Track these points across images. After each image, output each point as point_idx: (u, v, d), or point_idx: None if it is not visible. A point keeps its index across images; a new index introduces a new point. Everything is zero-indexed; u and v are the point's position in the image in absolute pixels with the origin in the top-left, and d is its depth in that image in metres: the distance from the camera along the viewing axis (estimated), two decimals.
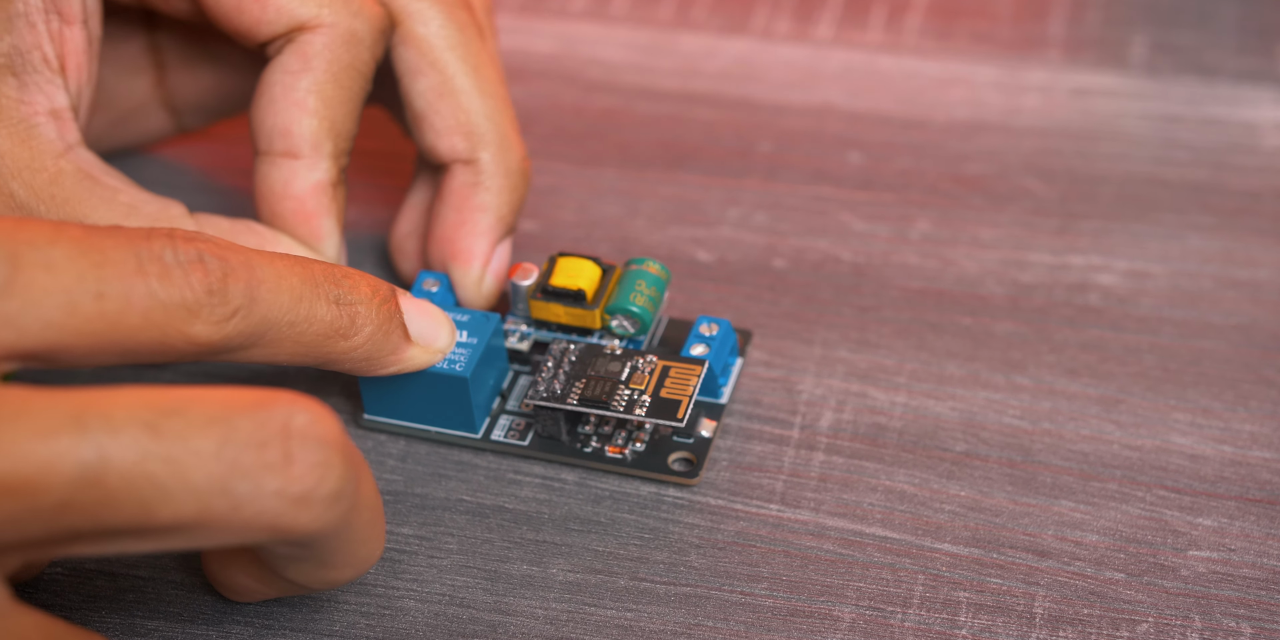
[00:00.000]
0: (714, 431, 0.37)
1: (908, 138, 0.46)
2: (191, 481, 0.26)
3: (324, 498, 0.27)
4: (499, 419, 0.37)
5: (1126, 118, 0.47)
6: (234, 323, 0.29)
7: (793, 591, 0.35)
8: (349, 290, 0.32)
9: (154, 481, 0.25)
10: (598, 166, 0.45)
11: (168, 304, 0.28)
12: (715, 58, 0.49)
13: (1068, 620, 0.34)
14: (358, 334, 0.32)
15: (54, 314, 0.27)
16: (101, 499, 0.25)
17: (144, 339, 0.28)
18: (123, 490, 0.25)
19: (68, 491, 0.25)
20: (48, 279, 0.27)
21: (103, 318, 0.27)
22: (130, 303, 0.27)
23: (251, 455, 0.26)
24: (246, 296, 0.29)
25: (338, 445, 0.27)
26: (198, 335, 0.28)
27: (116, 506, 0.25)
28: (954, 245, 0.43)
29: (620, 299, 0.37)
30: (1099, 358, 0.40)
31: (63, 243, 0.27)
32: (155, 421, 0.26)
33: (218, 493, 0.26)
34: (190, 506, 0.26)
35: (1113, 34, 0.50)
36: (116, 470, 0.25)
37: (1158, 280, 0.42)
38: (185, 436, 0.26)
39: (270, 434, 0.26)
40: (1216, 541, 0.35)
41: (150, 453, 0.25)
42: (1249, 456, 0.37)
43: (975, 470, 0.37)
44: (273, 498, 0.26)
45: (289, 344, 0.31)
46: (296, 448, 0.27)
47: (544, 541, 0.36)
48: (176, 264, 0.28)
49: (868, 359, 0.40)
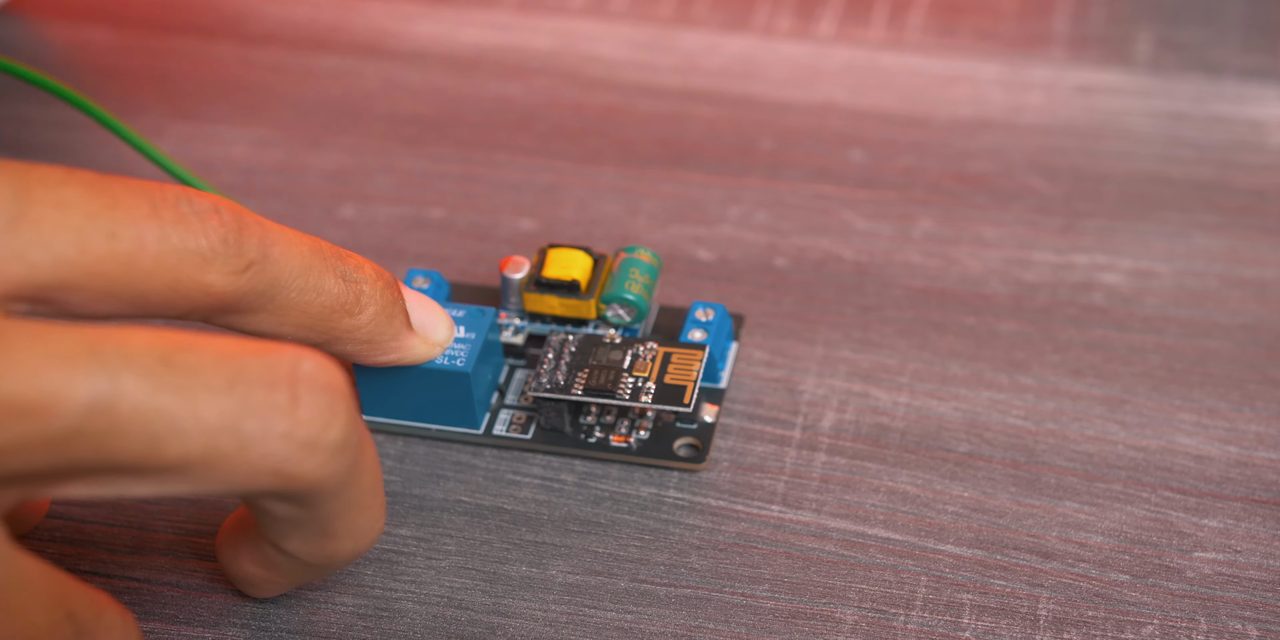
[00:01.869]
0: (716, 416, 0.37)
1: (910, 135, 0.46)
2: (201, 417, 0.26)
3: (329, 444, 0.27)
4: (499, 414, 0.37)
5: (1131, 115, 0.47)
6: (248, 276, 0.29)
7: (794, 593, 0.34)
8: (354, 269, 0.32)
9: (165, 414, 0.25)
10: (597, 164, 0.45)
11: (182, 249, 0.27)
12: (716, 55, 0.49)
13: (1072, 622, 0.34)
14: (363, 312, 0.32)
15: (66, 250, 0.26)
16: (111, 429, 0.25)
17: (157, 284, 0.28)
18: (133, 421, 0.25)
19: (79, 418, 0.25)
20: (59, 215, 0.26)
21: (115, 258, 0.27)
22: (143, 245, 0.27)
23: (260, 395, 0.26)
24: (260, 252, 0.29)
25: (343, 393, 0.27)
26: (212, 284, 0.28)
27: (125, 438, 0.25)
28: (957, 244, 0.43)
29: (615, 288, 0.37)
30: (1103, 357, 0.39)
31: (73, 183, 0.27)
32: (169, 355, 0.26)
33: (227, 430, 0.26)
34: (198, 443, 0.26)
35: (1117, 31, 0.49)
36: (129, 400, 0.25)
37: (1163, 279, 0.42)
38: (197, 371, 0.26)
39: (278, 376, 0.26)
40: (1222, 543, 0.35)
41: (163, 384, 0.25)
42: (1255, 457, 0.37)
43: (979, 471, 0.37)
44: (280, 440, 0.26)
45: (295, 313, 0.31)
46: (304, 391, 0.27)
47: (543, 543, 0.35)
48: (193, 212, 0.28)
49: (870, 359, 0.39)
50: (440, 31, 0.50)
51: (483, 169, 0.45)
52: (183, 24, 0.50)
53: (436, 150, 0.46)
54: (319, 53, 0.49)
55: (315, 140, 0.46)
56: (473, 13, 0.51)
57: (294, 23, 0.50)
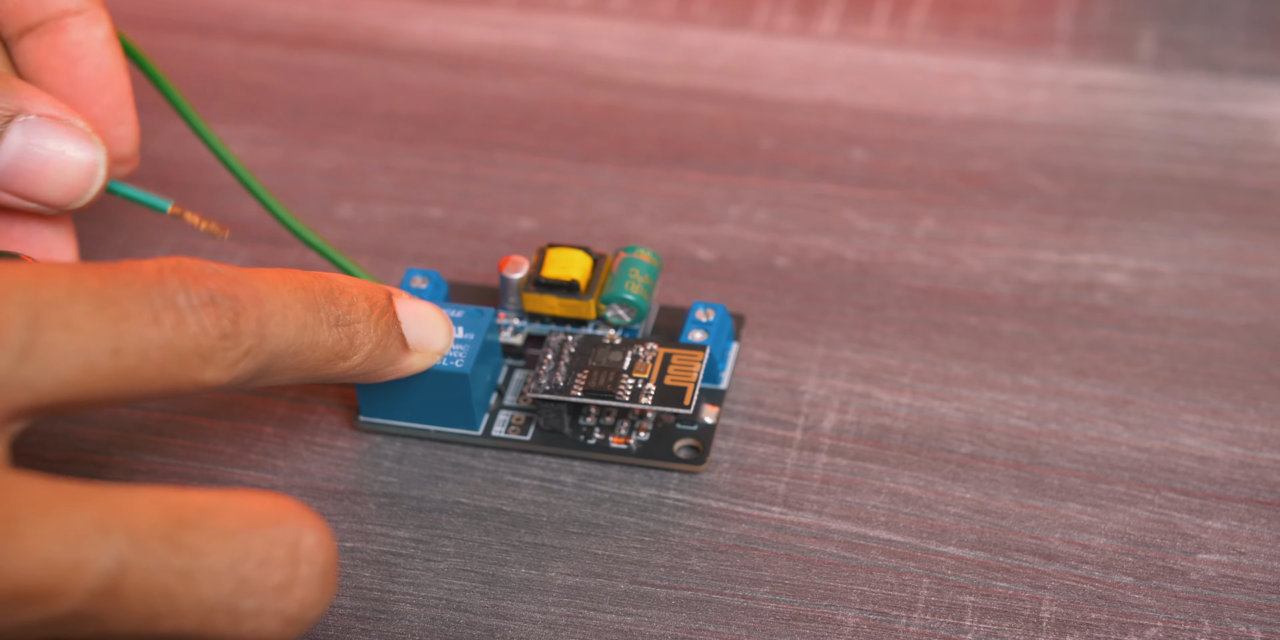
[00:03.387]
0: (716, 417, 0.37)
1: (912, 134, 0.46)
2: (202, 597, 0.26)
3: (311, 620, 0.27)
4: (498, 415, 0.37)
5: (1135, 114, 0.46)
6: (244, 364, 0.29)
7: (795, 595, 0.34)
8: (348, 309, 0.32)
9: (167, 595, 0.26)
10: (597, 163, 0.45)
11: (183, 352, 0.28)
12: (717, 53, 0.49)
13: (1075, 625, 0.34)
14: (356, 353, 0.32)
15: (71, 375, 0.27)
16: (113, 609, 0.25)
17: (154, 387, 0.28)
18: (135, 602, 0.25)
19: (85, 600, 0.25)
20: (67, 339, 0.26)
21: (118, 374, 0.27)
22: (146, 356, 0.27)
23: (261, 575, 0.27)
24: (257, 335, 0.29)
25: (336, 567, 0.28)
26: (208, 381, 0.28)
27: (124, 617, 0.25)
28: (959, 243, 0.42)
29: (615, 288, 0.37)
30: (1106, 358, 0.39)
31: (82, 297, 0.27)
32: (174, 533, 0.26)
33: (223, 609, 0.26)
34: (193, 621, 0.26)
35: (1121, 29, 0.49)
36: (133, 582, 0.25)
37: (1166, 279, 0.41)
38: (202, 552, 0.26)
39: (280, 555, 0.27)
40: (1226, 545, 0.35)
41: (168, 566, 0.26)
42: (1259, 458, 0.37)
43: (981, 472, 0.37)
44: (273, 617, 0.27)
45: (289, 372, 0.31)
46: (303, 571, 0.27)
47: (542, 544, 0.35)
48: (190, 308, 0.28)
49: (871, 359, 0.39)
50: (439, 29, 0.50)
51: (481, 168, 0.45)
52: (179, 22, 0.50)
53: (435, 149, 0.46)
54: (317, 51, 0.49)
55: (313, 139, 0.46)
56: (471, 10, 0.50)
57: (292, 21, 0.50)
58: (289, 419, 0.38)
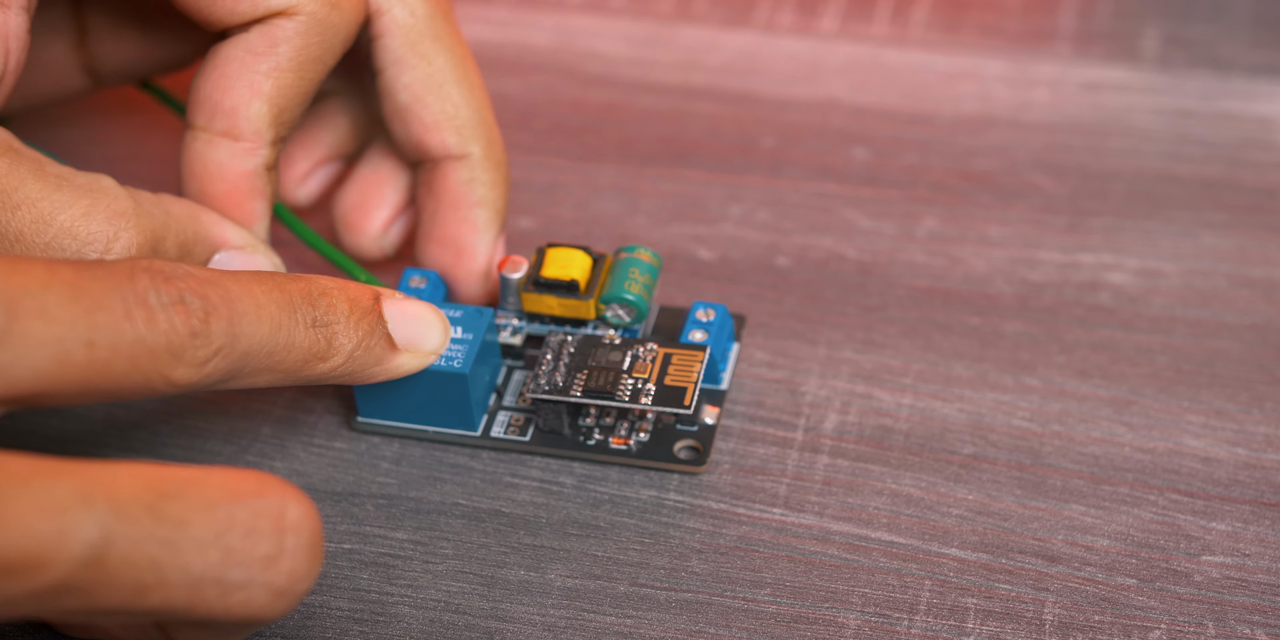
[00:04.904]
0: (717, 418, 0.37)
1: (914, 133, 0.46)
2: (189, 568, 0.26)
3: (300, 593, 0.28)
4: (497, 415, 0.37)
5: (1138, 112, 0.46)
6: (214, 363, 0.29)
7: (796, 598, 0.34)
8: (326, 310, 0.32)
9: (153, 566, 0.26)
10: (597, 162, 0.45)
11: (154, 349, 0.28)
12: (717, 51, 0.49)
13: (1078, 627, 0.33)
14: (336, 355, 0.32)
15: (45, 364, 0.27)
16: (100, 581, 0.25)
17: (127, 383, 0.28)
18: (121, 574, 0.25)
19: (70, 571, 0.25)
20: (43, 328, 0.27)
21: (91, 366, 0.27)
22: (118, 350, 0.28)
23: (247, 546, 0.27)
24: (228, 334, 0.29)
25: (321, 538, 0.28)
26: (179, 378, 0.29)
27: (111, 589, 0.25)
28: (961, 243, 0.42)
29: (615, 288, 0.37)
30: (1110, 358, 0.39)
31: (57, 287, 0.27)
32: (157, 504, 0.26)
33: (211, 580, 0.26)
34: (182, 593, 0.26)
35: (1124, 27, 0.49)
36: (118, 554, 0.25)
37: (1170, 279, 0.41)
38: (185, 522, 0.26)
39: (265, 526, 0.27)
40: (1230, 546, 0.35)
41: (152, 535, 0.26)
42: (1263, 459, 0.37)
43: (983, 473, 0.37)
44: (261, 588, 0.27)
45: (266, 374, 0.31)
46: (290, 542, 0.27)
47: (542, 546, 0.35)
48: (160, 306, 0.28)
49: (873, 359, 0.39)
50: None
51: None
52: None
53: None
54: None
55: None
56: (470, 8, 0.50)
57: None
58: (286, 420, 0.38)
